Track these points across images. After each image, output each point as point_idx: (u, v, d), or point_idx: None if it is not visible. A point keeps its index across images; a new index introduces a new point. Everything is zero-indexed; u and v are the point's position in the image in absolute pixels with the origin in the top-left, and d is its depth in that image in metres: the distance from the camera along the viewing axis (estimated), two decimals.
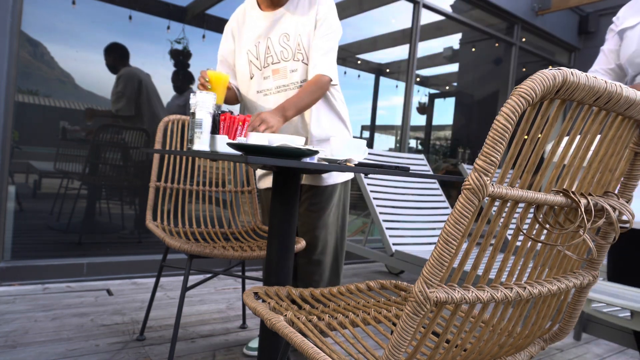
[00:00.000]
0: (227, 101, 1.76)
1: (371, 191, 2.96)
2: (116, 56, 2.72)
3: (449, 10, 4.18)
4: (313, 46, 1.59)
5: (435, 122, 4.84)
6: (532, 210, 0.64)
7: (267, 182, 1.83)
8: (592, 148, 0.64)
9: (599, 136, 0.65)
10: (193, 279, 2.80)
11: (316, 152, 1.06)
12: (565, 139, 0.64)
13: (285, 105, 1.47)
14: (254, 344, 1.82)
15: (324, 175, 1.76)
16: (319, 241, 1.78)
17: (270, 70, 1.62)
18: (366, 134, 4.40)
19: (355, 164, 1.20)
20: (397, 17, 4.08)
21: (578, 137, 0.62)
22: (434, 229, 3.16)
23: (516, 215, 3.61)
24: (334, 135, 1.54)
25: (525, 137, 0.56)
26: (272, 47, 1.60)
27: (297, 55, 1.60)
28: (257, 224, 1.99)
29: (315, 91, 1.55)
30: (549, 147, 1.45)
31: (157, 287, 1.77)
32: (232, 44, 1.71)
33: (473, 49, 4.99)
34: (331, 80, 1.59)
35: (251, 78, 1.65)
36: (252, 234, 1.94)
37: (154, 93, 2.91)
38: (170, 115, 1.89)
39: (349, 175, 1.85)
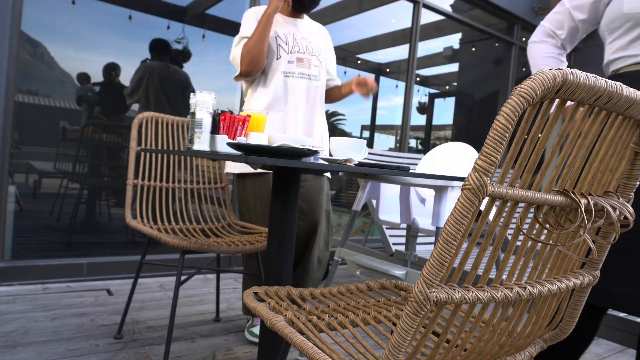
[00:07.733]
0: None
1: None
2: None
3: (448, 10, 4.18)
4: (331, 65, 2.03)
5: (435, 122, 4.83)
6: (532, 210, 0.63)
7: (240, 168, 1.84)
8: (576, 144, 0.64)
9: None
10: (194, 279, 2.80)
11: (316, 152, 1.05)
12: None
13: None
14: (258, 330, 1.84)
15: None
16: None
17: (296, 57, 1.82)
18: (366, 133, 4.40)
19: (355, 164, 1.20)
20: (397, 16, 4.08)
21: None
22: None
23: (516, 215, 3.61)
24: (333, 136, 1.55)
25: (525, 137, 0.56)
26: (298, 41, 1.83)
27: (320, 57, 1.90)
28: (231, 219, 2.00)
29: None
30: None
31: (135, 287, 1.81)
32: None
33: (473, 49, 4.99)
34: None
35: (277, 59, 1.80)
36: (230, 229, 1.95)
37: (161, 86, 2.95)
38: (144, 112, 1.88)
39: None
